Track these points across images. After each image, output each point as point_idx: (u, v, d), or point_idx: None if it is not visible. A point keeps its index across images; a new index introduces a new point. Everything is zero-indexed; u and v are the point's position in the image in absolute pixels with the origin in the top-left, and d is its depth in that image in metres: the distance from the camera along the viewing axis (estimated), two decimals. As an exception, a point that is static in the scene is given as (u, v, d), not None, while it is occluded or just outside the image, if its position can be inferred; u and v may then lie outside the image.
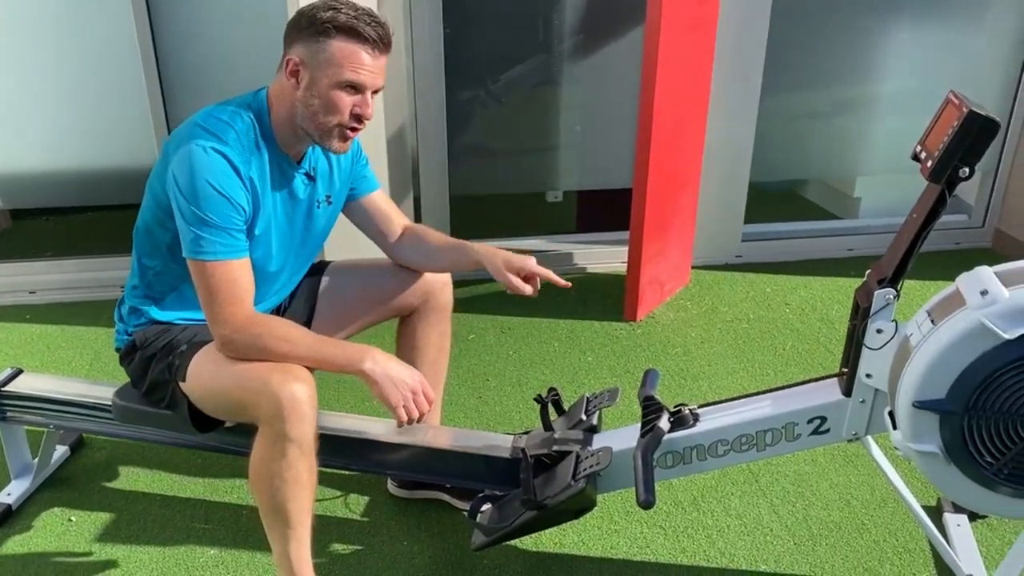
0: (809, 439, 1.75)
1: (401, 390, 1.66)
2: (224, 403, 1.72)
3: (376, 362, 1.66)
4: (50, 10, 2.99)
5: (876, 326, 1.60)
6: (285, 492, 1.64)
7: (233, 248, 1.65)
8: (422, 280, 2.01)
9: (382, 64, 1.67)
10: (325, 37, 1.61)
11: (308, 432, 1.61)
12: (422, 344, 2.06)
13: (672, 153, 2.94)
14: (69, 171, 3.28)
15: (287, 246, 1.85)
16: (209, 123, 1.67)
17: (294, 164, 1.78)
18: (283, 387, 1.58)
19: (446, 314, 2.07)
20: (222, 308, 1.65)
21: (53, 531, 2.10)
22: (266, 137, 1.71)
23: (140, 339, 1.86)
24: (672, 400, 2.58)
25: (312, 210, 1.86)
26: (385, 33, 1.65)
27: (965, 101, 1.46)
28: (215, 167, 1.62)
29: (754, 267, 3.50)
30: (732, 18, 3.04)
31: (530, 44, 3.31)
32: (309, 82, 1.65)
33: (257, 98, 1.73)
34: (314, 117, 1.67)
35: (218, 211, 1.62)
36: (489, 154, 3.50)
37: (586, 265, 3.47)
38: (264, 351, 1.65)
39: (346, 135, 1.70)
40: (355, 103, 1.66)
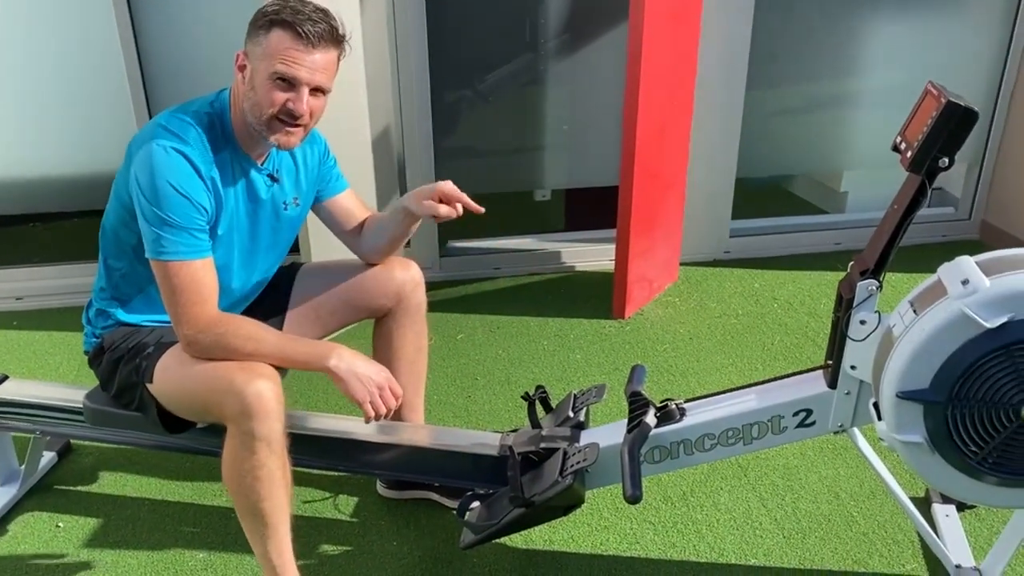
0: (795, 432, 1.75)
1: (367, 386, 1.67)
2: (191, 404, 1.73)
3: (342, 359, 1.67)
4: (32, 17, 2.98)
5: (859, 317, 1.60)
6: (258, 491, 1.64)
7: (195, 248, 1.65)
8: (393, 281, 2.00)
9: (324, 61, 1.65)
10: (265, 31, 1.62)
11: (276, 429, 1.61)
12: (398, 345, 2.05)
13: (658, 150, 2.94)
14: (56, 177, 3.27)
15: (252, 247, 1.86)
16: (171, 123, 1.67)
17: (255, 164, 1.78)
18: (248, 385, 1.58)
19: (420, 314, 2.06)
20: (185, 308, 1.65)
21: (40, 537, 2.09)
22: (226, 136, 1.72)
23: (108, 341, 1.86)
24: (660, 396, 2.58)
25: (278, 211, 1.87)
26: (325, 30, 1.63)
27: (944, 92, 1.47)
28: (176, 167, 1.62)
29: (742, 262, 3.51)
30: (716, 11, 3.05)
31: (515, 42, 3.31)
32: (251, 76, 1.66)
33: (219, 98, 1.75)
34: (253, 110, 1.67)
35: (179, 211, 1.62)
36: (476, 154, 3.50)
37: (575, 263, 3.47)
38: (229, 350, 1.66)
39: (285, 130, 1.67)
40: (288, 98, 1.64)
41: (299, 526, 2.06)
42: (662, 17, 2.71)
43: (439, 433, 2.05)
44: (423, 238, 3.31)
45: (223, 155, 1.72)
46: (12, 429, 2.13)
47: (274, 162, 1.83)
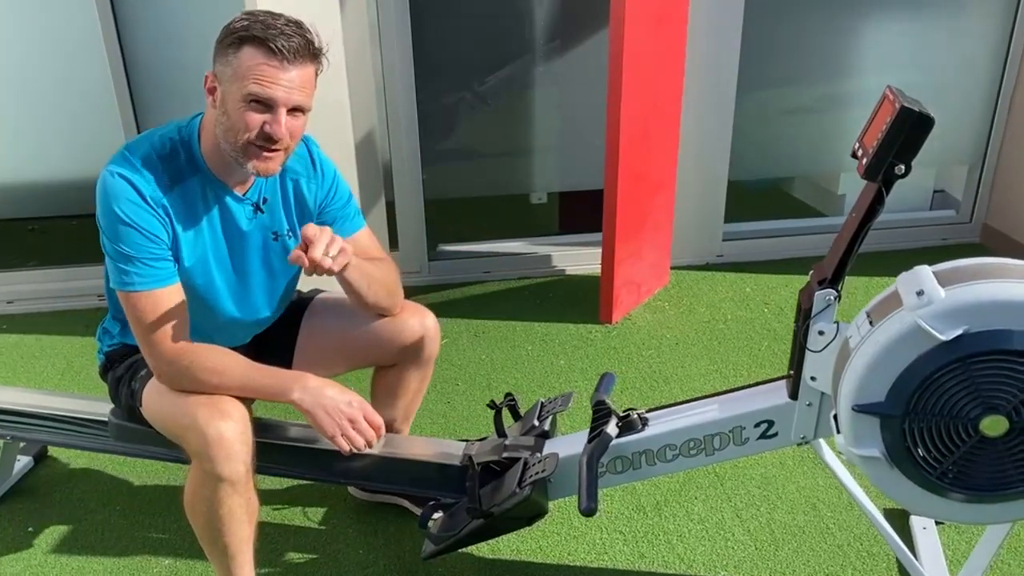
0: (757, 443, 1.72)
1: (336, 419, 1.61)
2: (166, 432, 1.69)
3: (306, 391, 1.61)
4: (19, 23, 3.00)
5: (818, 328, 1.57)
6: (219, 527, 1.62)
7: (154, 278, 1.58)
8: (405, 333, 1.88)
9: (301, 79, 1.53)
10: (235, 49, 1.50)
11: (238, 470, 1.56)
12: (399, 387, 1.98)
13: (643, 152, 2.91)
14: (46, 181, 3.29)
15: (242, 278, 1.76)
16: (130, 148, 1.59)
17: (233, 193, 1.66)
18: (209, 425, 1.54)
19: (429, 364, 1.97)
20: (152, 341, 1.59)
21: (10, 542, 2.09)
22: (192, 163, 1.61)
23: (111, 359, 1.84)
24: (643, 403, 2.56)
25: (267, 243, 1.75)
26: (300, 44, 1.51)
27: (899, 97, 1.43)
28: (120, 194, 1.54)
29: (735, 266, 3.46)
30: (704, 11, 3.00)
31: (503, 44, 3.29)
32: (222, 99, 1.54)
33: (190, 124, 1.64)
34: (226, 136, 1.55)
35: (130, 241, 1.55)
36: (465, 157, 3.49)
37: (565, 267, 3.44)
38: (196, 382, 1.60)
39: (261, 154, 1.55)
40: (265, 120, 1.52)
41: (266, 533, 2.07)
42: (645, 17, 2.68)
43: (404, 442, 2.02)
44: (411, 241, 3.30)
45: (188, 183, 1.61)
46: (-17, 434, 2.14)
47: (260, 191, 1.70)
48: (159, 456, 1.97)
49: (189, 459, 1.63)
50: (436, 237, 3.40)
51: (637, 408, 1.81)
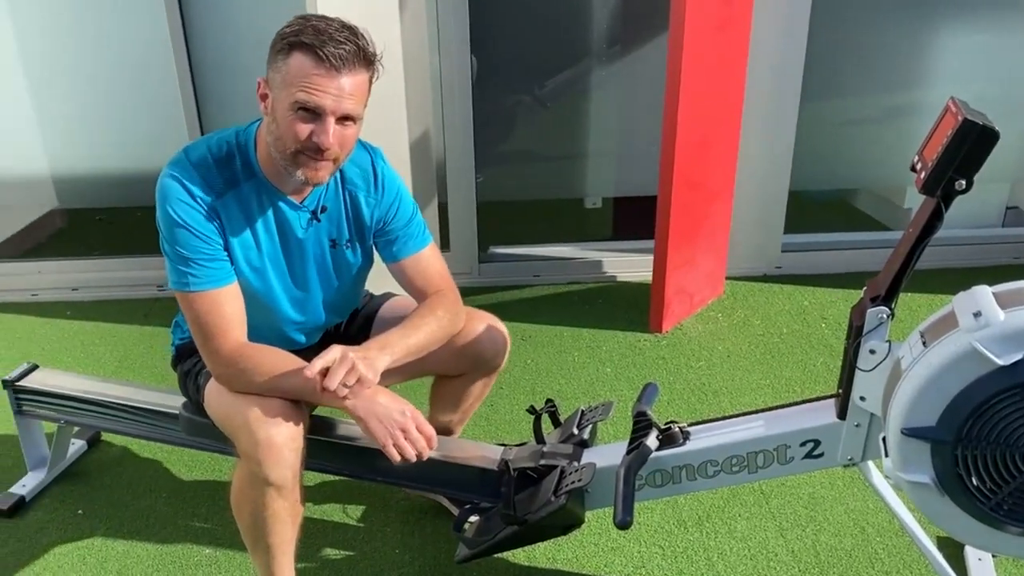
0: (802, 463, 1.66)
1: (388, 427, 1.56)
2: (224, 429, 1.69)
3: (360, 397, 1.56)
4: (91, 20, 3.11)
5: (869, 346, 1.51)
6: (263, 528, 1.62)
7: (210, 278, 1.58)
8: (474, 349, 1.85)
9: (352, 86, 1.49)
10: (285, 55, 1.48)
11: (285, 476, 1.56)
12: (462, 396, 1.97)
13: (700, 159, 2.85)
14: (117, 173, 3.40)
15: (303, 285, 1.75)
16: (189, 150, 1.60)
17: (289, 200, 1.65)
18: (260, 427, 1.53)
19: (495, 374, 1.95)
20: (208, 341, 1.59)
21: (60, 524, 2.15)
22: (248, 168, 1.61)
23: (181, 353, 1.87)
24: (689, 415, 2.51)
25: (324, 250, 1.73)
26: (351, 51, 1.46)
27: (962, 109, 1.37)
28: (174, 196, 1.55)
29: (794, 279, 3.37)
30: (768, 17, 2.93)
31: (563, 47, 3.27)
32: (272, 105, 1.53)
33: (248, 129, 1.64)
34: (276, 144, 1.54)
35: (184, 242, 1.55)
36: (520, 160, 3.48)
37: (616, 273, 3.40)
38: (251, 384, 1.59)
39: (311, 165, 1.53)
40: (312, 130, 1.49)
41: (305, 527, 2.05)
42: (705, 23, 2.63)
43: (444, 443, 2.01)
44: (462, 242, 3.29)
45: (243, 189, 1.60)
46: (39, 417, 2.20)
47: (319, 199, 1.68)
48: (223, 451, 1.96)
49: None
50: (487, 239, 3.39)
51: (679, 421, 1.77)
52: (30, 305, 3.30)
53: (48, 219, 3.66)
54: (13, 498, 2.19)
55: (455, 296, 1.82)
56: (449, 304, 1.78)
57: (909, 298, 3.08)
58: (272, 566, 1.70)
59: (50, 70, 3.19)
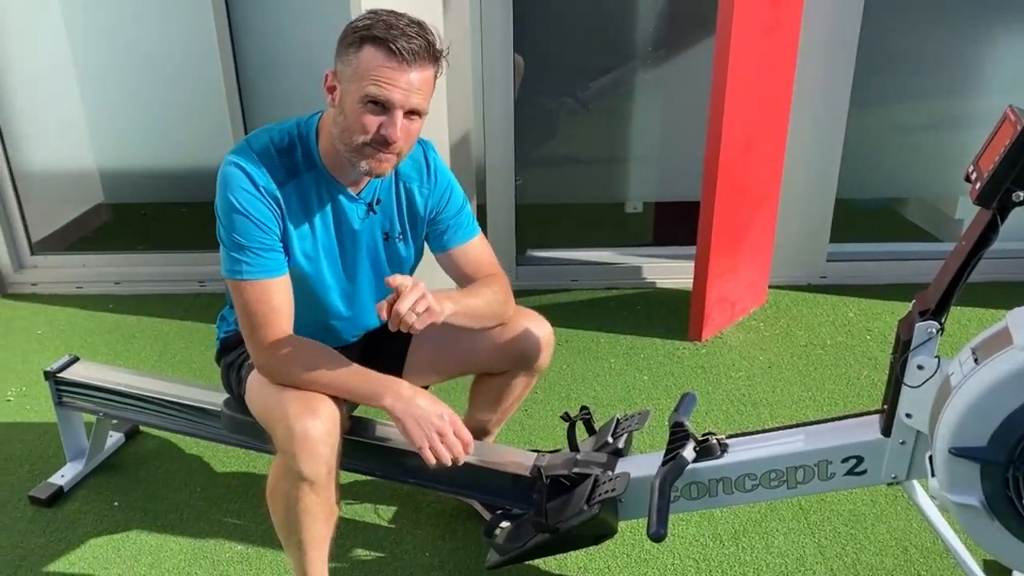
0: (844, 479, 1.61)
1: (425, 430, 1.56)
2: (262, 422, 1.69)
3: (399, 398, 1.57)
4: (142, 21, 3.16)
5: (917, 362, 1.46)
6: (295, 523, 1.62)
7: (263, 268, 1.59)
8: (519, 341, 1.83)
9: (420, 81, 1.51)
10: (356, 48, 1.50)
11: (320, 471, 1.55)
12: (503, 394, 1.94)
13: (745, 165, 2.80)
14: (163, 170, 3.45)
15: (352, 277, 1.76)
16: (250, 140, 1.62)
17: (348, 192, 1.66)
18: (296, 421, 1.53)
19: (537, 374, 1.92)
20: (254, 331, 1.60)
21: (96, 515, 2.18)
22: (309, 159, 1.62)
23: (225, 346, 1.88)
24: (728, 426, 2.46)
25: (377, 243, 1.75)
26: (423, 47, 1.49)
27: (1022, 118, 1.31)
28: (236, 184, 1.56)
29: (839, 289, 3.30)
30: (818, 20, 2.87)
31: (605, 49, 3.24)
32: (340, 98, 1.54)
33: (310, 120, 1.66)
34: (342, 136, 1.55)
35: (242, 230, 1.56)
36: (561, 162, 3.45)
37: (656, 280, 3.35)
38: (292, 377, 1.60)
39: (377, 157, 1.55)
40: (381, 123, 1.51)
41: (338, 526, 2.06)
42: (753, 26, 2.58)
43: (477, 447, 1.97)
44: (500, 244, 3.27)
45: (303, 179, 1.62)
46: (78, 409, 2.23)
47: (374, 191, 1.70)
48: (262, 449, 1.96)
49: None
50: (526, 242, 3.37)
51: (717, 433, 1.73)
52: (74, 297, 3.35)
53: (94, 213, 3.71)
54: (52, 488, 2.22)
55: (507, 282, 1.83)
56: (502, 285, 1.80)
57: (960, 312, 2.99)
58: (304, 563, 1.70)
59: (100, 68, 3.25)
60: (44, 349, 2.97)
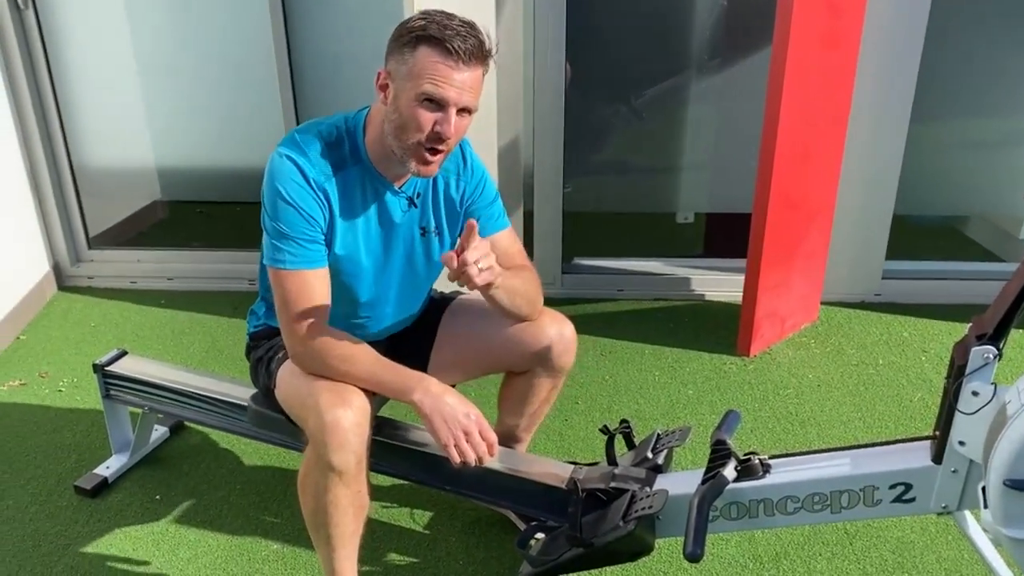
0: (891, 506, 1.55)
1: (452, 428, 1.56)
2: (294, 415, 1.72)
3: (427, 394, 1.58)
4: (200, 22, 3.22)
5: (971, 388, 1.40)
6: (324, 515, 1.63)
7: (305, 258, 1.61)
8: (542, 340, 1.84)
9: (472, 80, 1.54)
10: (411, 48, 1.52)
11: (349, 461, 1.56)
12: (530, 395, 1.94)
13: (799, 178, 2.74)
14: (219, 169, 3.50)
15: (386, 270, 1.78)
16: (299, 133, 1.64)
17: (391, 187, 1.69)
18: (328, 410, 1.55)
19: (562, 375, 1.92)
20: (291, 320, 1.62)
21: (138, 507, 2.21)
22: (355, 154, 1.65)
23: (255, 339, 1.91)
24: (774, 445, 2.40)
25: (414, 237, 1.77)
26: (476, 46, 1.52)
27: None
28: (285, 175, 1.59)
29: (894, 308, 3.20)
30: (879, 33, 2.79)
31: (661, 57, 3.20)
32: (394, 96, 1.56)
33: (357, 116, 1.69)
34: (396, 134, 1.58)
35: (287, 220, 1.59)
36: (611, 170, 3.42)
37: (704, 292, 3.29)
38: (325, 367, 1.62)
39: (425, 157, 1.58)
40: (436, 120, 1.54)
41: (372, 529, 2.09)
42: (811, 37, 2.52)
43: (513, 457, 1.98)
44: (546, 252, 3.25)
45: (349, 172, 1.65)
46: (124, 402, 2.27)
47: (415, 186, 1.73)
48: (288, 444, 2.02)
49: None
50: (572, 249, 3.34)
51: (760, 452, 1.68)
52: (128, 292, 3.42)
53: (151, 210, 3.79)
54: (97, 479, 2.26)
55: (536, 277, 1.84)
56: (535, 276, 1.82)
57: (1020, 336, 2.88)
58: (332, 559, 1.70)
59: (159, 67, 3.32)
60: (96, 341, 3.03)
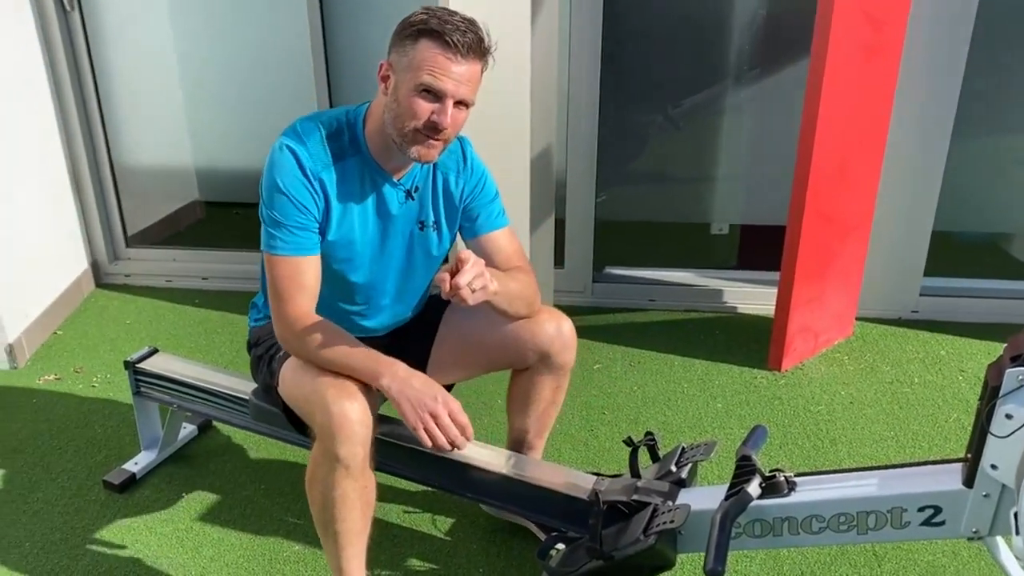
0: (919, 529, 1.51)
1: (419, 411, 1.58)
2: (298, 411, 1.75)
3: (395, 378, 1.60)
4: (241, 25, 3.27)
5: (1005, 410, 1.35)
6: (332, 510, 1.64)
7: (296, 245, 1.67)
8: (540, 336, 1.86)
9: (470, 74, 1.60)
10: (413, 41, 1.58)
11: (357, 453, 1.58)
12: (532, 395, 1.96)
13: (836, 191, 2.69)
14: (256, 170, 3.51)
15: (382, 260, 1.81)
16: (299, 124, 1.70)
17: (390, 178, 1.74)
18: (335, 403, 1.58)
19: (563, 373, 1.94)
20: (281, 304, 1.68)
21: (164, 503, 2.24)
22: (355, 144, 1.70)
23: (254, 338, 1.95)
24: (803, 462, 2.36)
25: (411, 230, 1.82)
26: (475, 41, 1.58)
27: None
28: (283, 166, 1.65)
29: (932, 325, 3.13)
30: (921, 45, 2.74)
31: (697, 67, 3.18)
32: (394, 86, 1.62)
33: (358, 109, 1.74)
34: (394, 122, 1.63)
35: (281, 209, 1.65)
36: (645, 180, 3.39)
37: (737, 304, 3.25)
38: (307, 351, 1.67)
39: (426, 143, 1.63)
40: (433, 110, 1.59)
41: (393, 534, 2.10)
42: (851, 50, 2.48)
43: (534, 466, 1.96)
44: (577, 260, 3.24)
45: (348, 162, 1.70)
46: (154, 399, 2.30)
47: (413, 180, 1.78)
48: (285, 438, 2.05)
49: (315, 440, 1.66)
50: (603, 258, 3.32)
51: (785, 469, 1.65)
52: (163, 290, 3.47)
53: (189, 210, 3.84)
54: (125, 474, 2.29)
55: (534, 277, 1.87)
56: (533, 278, 1.86)
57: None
58: (340, 559, 1.71)
59: (199, 70, 3.37)
60: (131, 338, 3.08)
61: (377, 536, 2.07)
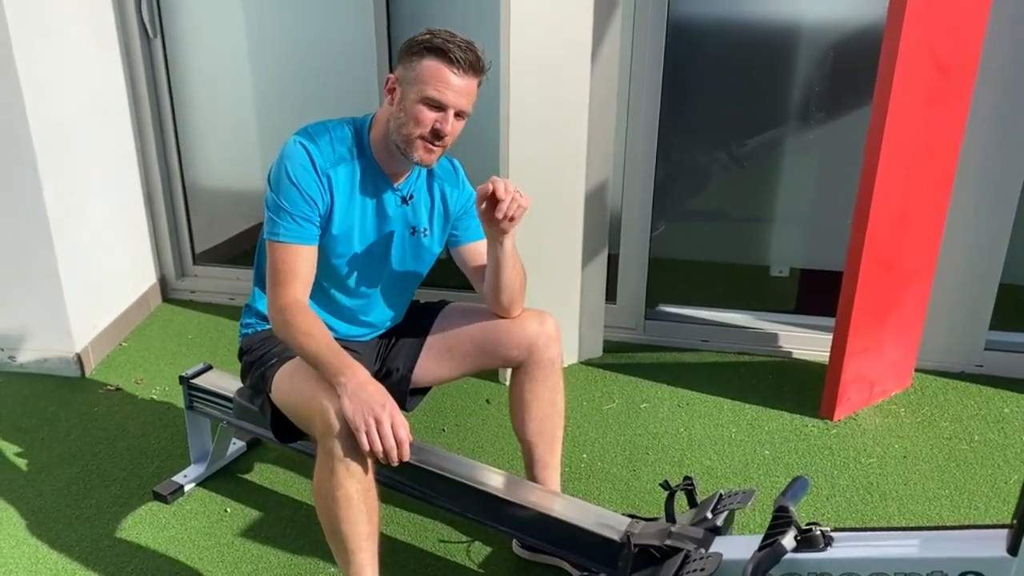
0: (959, 596, 1.46)
1: (364, 414, 1.61)
2: (296, 417, 1.81)
3: (352, 378, 1.65)
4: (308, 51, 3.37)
5: (1053, 477, 1.30)
6: (337, 513, 1.68)
7: (297, 234, 1.79)
8: (525, 332, 1.97)
9: (468, 88, 1.77)
10: (418, 58, 1.76)
11: (356, 450, 1.64)
12: (530, 399, 2.03)
13: (896, 238, 2.63)
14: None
15: (376, 257, 1.95)
16: (313, 127, 1.86)
17: (390, 183, 1.90)
18: (333, 404, 1.64)
19: (553, 369, 2.01)
20: (275, 286, 1.79)
21: (209, 516, 2.29)
22: (361, 148, 1.87)
23: (246, 345, 2.04)
24: (850, 515, 2.29)
25: (405, 233, 1.96)
26: (474, 58, 1.75)
27: None
28: (295, 157, 1.80)
29: (996, 381, 3.02)
30: (991, 93, 2.67)
31: (760, 106, 3.15)
32: (400, 98, 1.79)
33: (364, 117, 1.91)
34: (400, 129, 1.79)
35: (289, 198, 1.78)
36: (703, 218, 3.37)
37: (792, 349, 3.19)
38: (290, 336, 1.76)
39: (428, 147, 1.79)
40: (436, 119, 1.76)
41: (427, 564, 2.11)
42: (915, 95, 2.43)
43: (566, 503, 1.95)
44: (630, 296, 3.23)
45: (354, 163, 1.86)
46: (205, 415, 2.36)
47: (409, 187, 1.94)
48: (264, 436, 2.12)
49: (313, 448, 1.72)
50: (657, 295, 3.30)
51: (823, 524, 1.61)
52: (226, 308, 3.58)
53: (254, 231, 3.95)
54: (174, 486, 2.36)
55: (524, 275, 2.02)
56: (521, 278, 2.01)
57: None
58: (349, 562, 1.72)
59: (271, 96, 3.48)
60: (190, 353, 3.18)
61: (412, 564, 2.10)
